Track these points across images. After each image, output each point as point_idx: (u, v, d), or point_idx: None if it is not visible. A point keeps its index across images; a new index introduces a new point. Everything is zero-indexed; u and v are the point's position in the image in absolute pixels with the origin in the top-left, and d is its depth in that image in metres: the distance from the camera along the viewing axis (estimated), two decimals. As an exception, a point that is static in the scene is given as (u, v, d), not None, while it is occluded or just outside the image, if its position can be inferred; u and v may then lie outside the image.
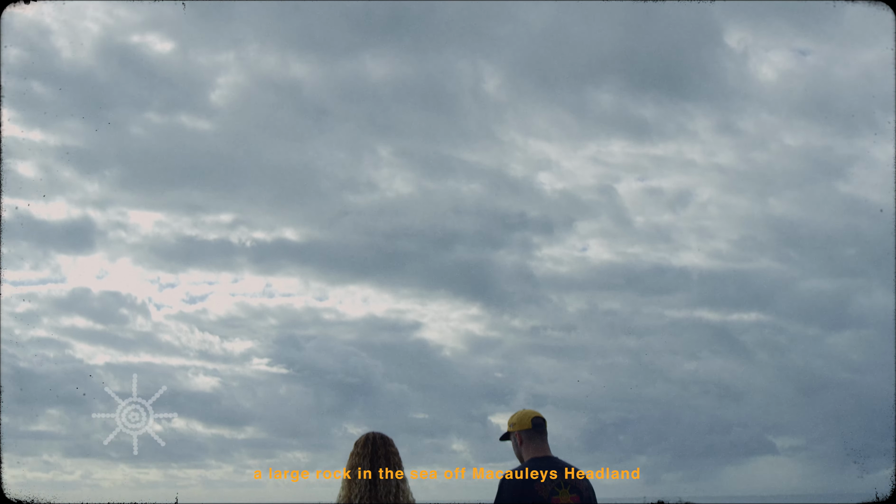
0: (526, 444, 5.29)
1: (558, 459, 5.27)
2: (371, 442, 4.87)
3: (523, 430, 5.30)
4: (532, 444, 5.28)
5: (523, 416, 5.34)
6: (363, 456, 4.81)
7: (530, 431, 5.29)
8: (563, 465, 5.23)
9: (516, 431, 5.32)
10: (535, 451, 5.25)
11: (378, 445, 4.86)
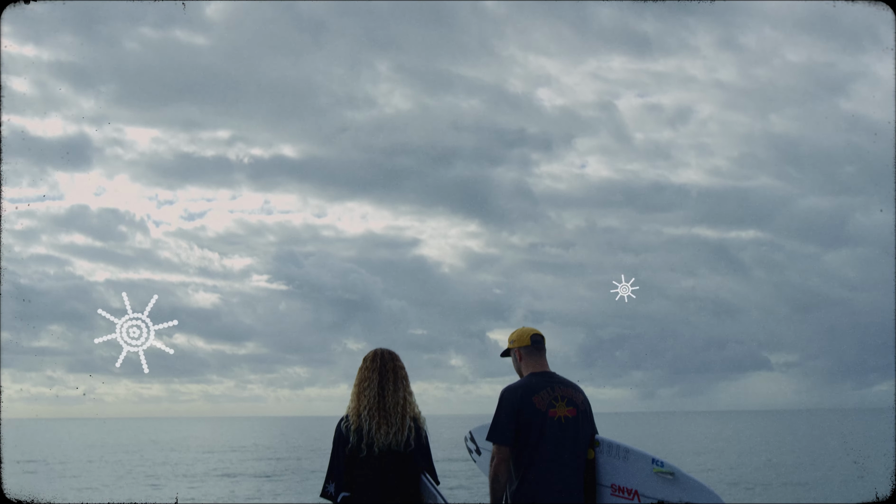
0: (525, 360, 5.46)
1: (556, 375, 5.48)
2: (380, 357, 5.13)
3: (523, 347, 5.48)
4: (531, 360, 5.45)
5: (523, 333, 5.50)
6: (372, 370, 5.08)
7: (529, 348, 5.47)
8: (561, 380, 5.47)
9: (516, 348, 5.52)
10: (534, 367, 5.43)
11: (386, 360, 5.13)
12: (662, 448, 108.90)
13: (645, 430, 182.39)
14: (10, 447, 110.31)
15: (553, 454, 5.26)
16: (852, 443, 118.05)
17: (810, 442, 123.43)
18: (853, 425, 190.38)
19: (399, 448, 4.98)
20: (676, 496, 5.13)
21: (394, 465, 4.96)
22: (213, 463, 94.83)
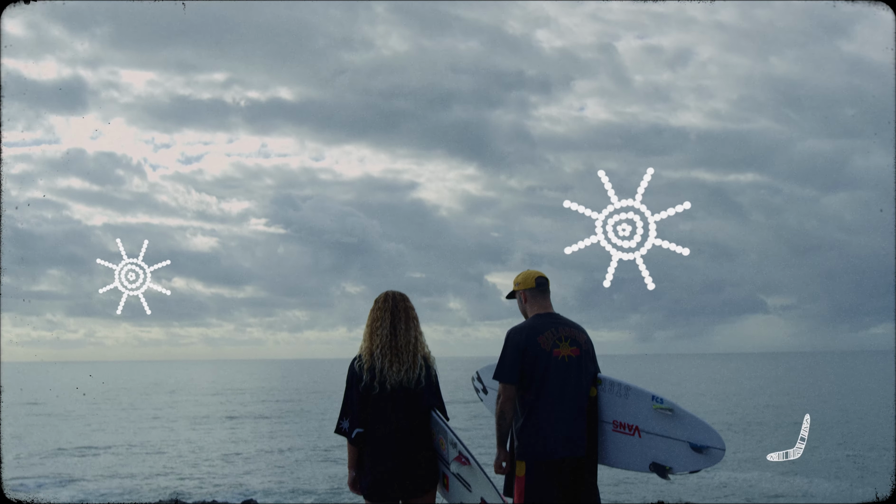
0: (530, 302, 5.63)
1: (560, 316, 5.65)
2: (391, 298, 5.29)
3: (528, 289, 5.65)
4: (536, 302, 5.63)
5: (528, 275, 5.67)
6: (384, 310, 5.26)
7: (534, 290, 5.64)
8: (565, 321, 5.64)
9: (521, 290, 5.70)
10: (539, 308, 5.61)
11: (398, 301, 5.29)
12: (658, 391, 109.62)
13: (641, 372, 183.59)
14: (13, 391, 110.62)
15: (557, 392, 5.46)
16: (849, 385, 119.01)
17: (806, 384, 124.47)
18: (849, 367, 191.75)
19: (410, 385, 5.13)
20: (675, 432, 5.35)
21: (405, 401, 5.12)
22: (215, 406, 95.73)
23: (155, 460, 48.10)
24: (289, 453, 50.21)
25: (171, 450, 53.55)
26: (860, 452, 44.44)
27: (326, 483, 38.51)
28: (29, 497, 4.04)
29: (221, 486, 38.78)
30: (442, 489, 5.32)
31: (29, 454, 50.36)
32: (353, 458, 5.19)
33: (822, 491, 33.90)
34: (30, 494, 36.69)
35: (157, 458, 48.89)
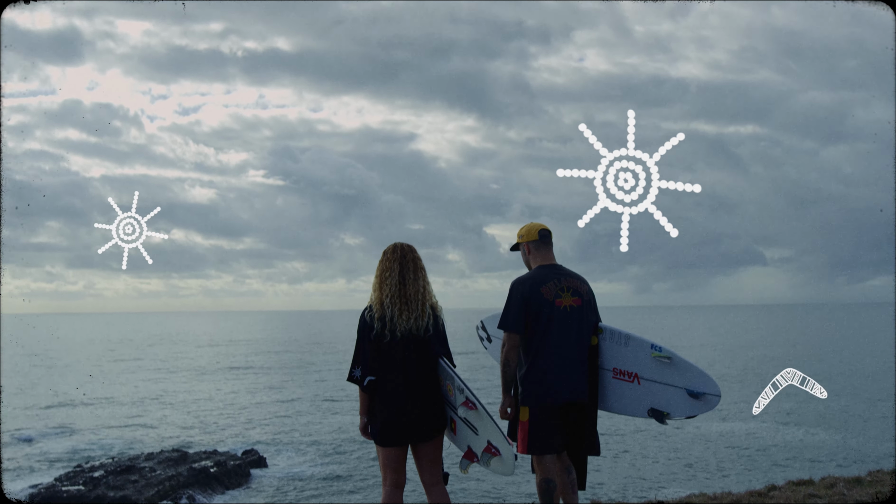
0: (534, 254, 5.79)
1: (562, 267, 5.82)
2: (400, 249, 5.42)
3: (531, 241, 5.81)
4: (539, 254, 5.79)
5: (531, 228, 5.82)
6: (393, 260, 5.38)
7: (537, 242, 5.80)
8: (567, 272, 5.80)
9: (525, 242, 5.86)
10: (542, 260, 5.77)
11: (406, 251, 5.42)
12: (657, 342, 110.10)
13: (639, 324, 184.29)
14: (14, 343, 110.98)
15: (559, 340, 5.63)
16: (848, 337, 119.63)
17: (804, 336, 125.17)
18: (847, 320, 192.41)
19: (419, 333, 5.29)
20: (673, 379, 5.53)
21: (415, 349, 5.28)
22: (216, 357, 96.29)
23: (157, 412, 48.56)
24: (289, 404, 50.68)
25: (173, 401, 54.04)
26: (858, 403, 44.91)
27: (327, 434, 38.94)
28: (29, 497, 4.09)
29: (223, 436, 39.20)
30: (449, 433, 5.51)
31: (32, 405, 50.79)
32: (365, 404, 5.37)
33: (819, 441, 34.34)
34: (32, 447, 37.08)
35: (159, 410, 49.36)
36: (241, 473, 29.17)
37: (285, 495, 26.69)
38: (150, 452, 30.43)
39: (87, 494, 25.33)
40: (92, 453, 34.52)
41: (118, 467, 27.72)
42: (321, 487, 27.73)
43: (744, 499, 6.29)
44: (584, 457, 5.87)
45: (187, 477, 26.75)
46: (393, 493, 5.28)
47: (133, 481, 26.28)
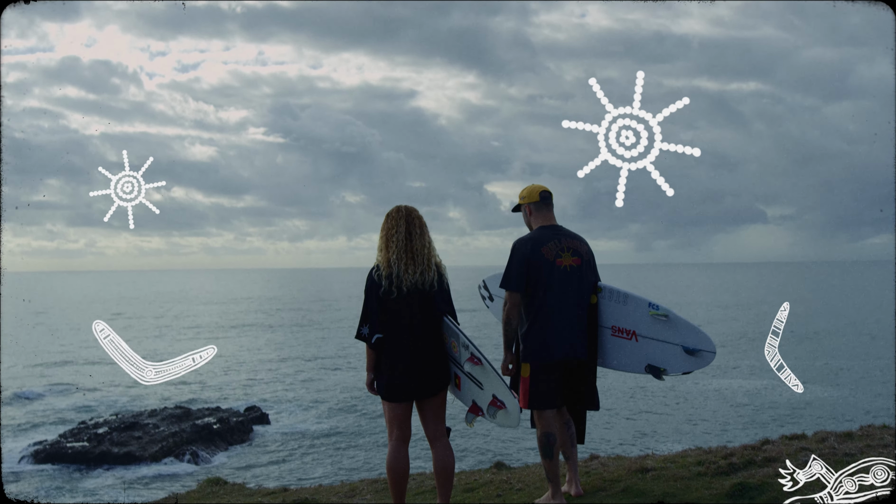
0: (535, 215, 5.91)
1: (563, 227, 5.95)
2: (404, 209, 5.60)
3: (532, 203, 5.93)
4: (540, 215, 5.91)
5: (532, 189, 5.93)
6: (398, 219, 5.55)
7: (538, 203, 5.92)
8: (567, 233, 5.93)
9: (526, 203, 5.98)
10: (543, 221, 5.89)
11: (410, 211, 5.60)
12: (658, 301, 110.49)
13: (640, 282, 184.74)
14: (16, 300, 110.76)
15: (559, 299, 5.77)
16: (847, 295, 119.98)
17: (804, 294, 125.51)
18: (846, 278, 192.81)
19: (425, 287, 5.46)
20: (670, 336, 5.68)
21: (420, 305, 5.44)
22: (218, 315, 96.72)
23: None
24: (291, 362, 51.06)
25: (175, 359, 54.39)
26: (857, 361, 45.23)
27: (329, 391, 39.27)
28: (29, 497, 4.19)
29: (226, 393, 39.56)
30: (453, 389, 5.67)
31: (36, 364, 51.14)
32: (372, 361, 5.52)
33: (816, 398, 34.66)
34: (36, 404, 37.40)
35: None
36: (244, 430, 29.48)
37: (288, 451, 27.00)
38: (154, 409, 30.72)
39: (91, 450, 25.61)
40: (96, 410, 34.83)
41: (122, 424, 28.01)
42: (323, 443, 28.03)
43: (737, 452, 6.47)
44: (584, 412, 6.05)
45: (190, 433, 27.05)
46: (398, 446, 5.46)
47: (137, 438, 26.58)
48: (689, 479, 6.03)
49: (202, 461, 25.60)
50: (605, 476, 6.48)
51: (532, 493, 6.32)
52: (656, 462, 6.69)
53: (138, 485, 23.08)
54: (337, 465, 24.84)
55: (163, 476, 23.93)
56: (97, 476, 24.12)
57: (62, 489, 23.04)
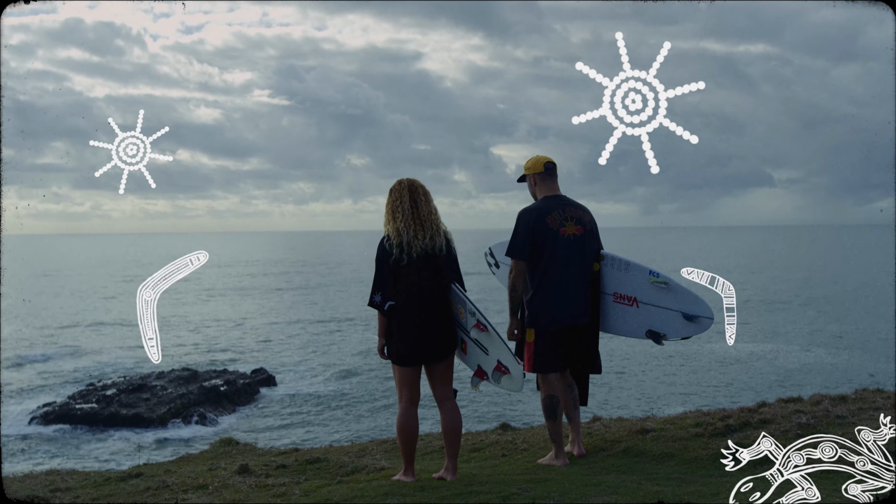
0: (539, 185, 6.09)
1: (566, 197, 6.14)
2: (406, 181, 5.80)
3: (537, 173, 6.12)
4: (545, 185, 6.10)
5: (537, 160, 6.12)
6: (401, 190, 5.75)
7: (543, 174, 6.10)
8: (571, 202, 6.12)
9: (531, 174, 6.15)
10: (548, 191, 6.08)
11: (413, 182, 5.81)
12: (662, 265, 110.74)
13: (645, 246, 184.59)
14: (21, 261, 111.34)
15: (563, 267, 5.97)
16: (852, 259, 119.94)
17: (810, 258, 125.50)
18: (853, 241, 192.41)
19: (434, 252, 5.65)
20: (670, 303, 5.89)
21: (429, 271, 5.63)
22: (224, 278, 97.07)
23: (167, 332, 49.22)
24: (297, 325, 51.37)
25: (182, 322, 54.76)
26: (860, 326, 45.45)
27: (335, 354, 39.59)
28: (29, 497, 4.30)
29: (232, 356, 39.90)
30: (460, 353, 5.89)
31: (43, 326, 51.53)
32: (383, 327, 5.74)
33: (822, 362, 34.93)
34: (45, 366, 37.76)
35: (169, 330, 50.04)
36: (251, 392, 29.75)
37: (295, 413, 27.28)
38: (161, 371, 30.99)
39: (100, 412, 25.87)
40: (104, 372, 35.12)
41: (130, 386, 28.31)
42: (330, 406, 28.30)
43: (734, 414, 6.68)
44: (586, 375, 6.28)
45: (198, 395, 27.34)
46: (409, 408, 5.69)
47: (145, 399, 26.87)
48: (687, 440, 6.26)
49: (210, 423, 25.91)
50: (607, 437, 6.71)
51: (536, 453, 6.55)
52: (656, 424, 6.92)
53: (149, 447, 23.38)
54: (345, 427, 25.12)
55: (171, 439, 24.22)
56: (105, 439, 24.38)
57: (72, 452, 23.34)
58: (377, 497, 5.11)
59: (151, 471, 7.15)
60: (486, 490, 5.12)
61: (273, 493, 5.60)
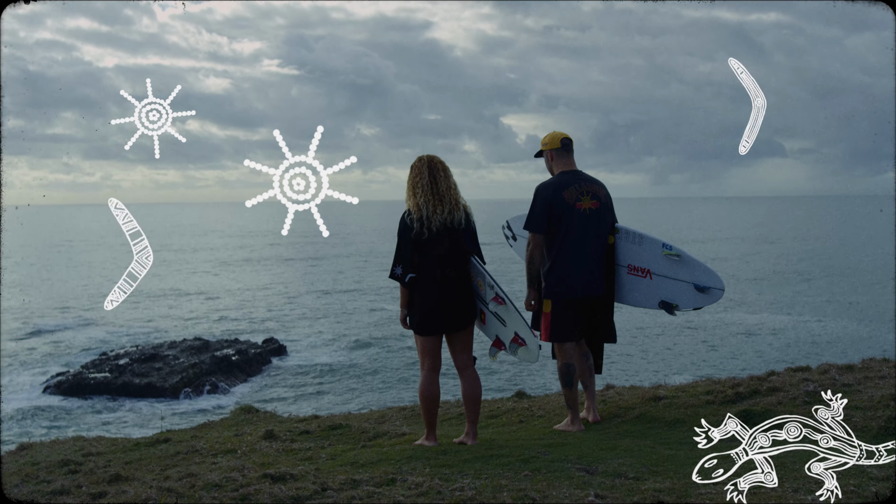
0: (556, 161, 6.29)
1: (582, 172, 6.33)
2: (426, 157, 6.00)
3: (554, 149, 6.31)
4: (561, 161, 6.29)
5: (554, 136, 6.30)
6: (421, 167, 5.95)
7: (560, 150, 6.30)
8: (587, 177, 6.32)
9: (548, 150, 6.34)
10: (564, 166, 6.28)
11: (432, 158, 6.00)
12: (673, 235, 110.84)
13: (654, 217, 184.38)
14: (34, 233, 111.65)
15: (579, 240, 6.17)
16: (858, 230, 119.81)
17: (819, 229, 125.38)
18: (864, 213, 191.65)
19: (454, 226, 5.85)
20: (682, 274, 6.09)
21: (449, 243, 5.83)
22: (235, 249, 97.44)
23: (179, 302, 49.61)
24: (307, 295, 51.67)
25: (193, 292, 55.09)
26: (872, 296, 45.56)
27: (345, 325, 39.90)
28: (29, 497, 4.47)
29: (243, 326, 40.21)
30: (479, 323, 6.11)
31: (55, 297, 51.88)
32: (405, 298, 5.95)
33: (829, 329, 35.12)
34: (57, 336, 38.12)
35: (180, 300, 50.43)
36: (262, 361, 30.00)
37: (307, 383, 27.53)
38: (173, 341, 31.25)
39: (113, 381, 26.16)
40: (116, 342, 35.42)
41: (142, 355, 28.58)
42: (341, 376, 28.54)
43: (744, 382, 6.88)
44: (601, 344, 6.50)
45: (209, 365, 27.60)
46: (430, 375, 5.92)
47: (157, 369, 27.16)
48: (697, 407, 6.47)
49: (221, 392, 26.17)
50: (621, 404, 6.92)
51: (552, 420, 6.78)
52: (668, 391, 7.13)
53: (165, 416, 23.62)
54: (356, 397, 25.37)
55: (186, 410, 24.45)
56: (117, 409, 24.66)
57: (88, 420, 23.61)
58: (402, 460, 5.34)
59: (178, 436, 7.36)
60: (507, 453, 5.34)
61: (300, 456, 5.82)
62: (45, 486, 5.48)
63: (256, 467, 5.29)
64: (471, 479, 4.70)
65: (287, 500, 4.38)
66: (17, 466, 6.51)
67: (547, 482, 4.51)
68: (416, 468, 5.04)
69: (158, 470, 5.73)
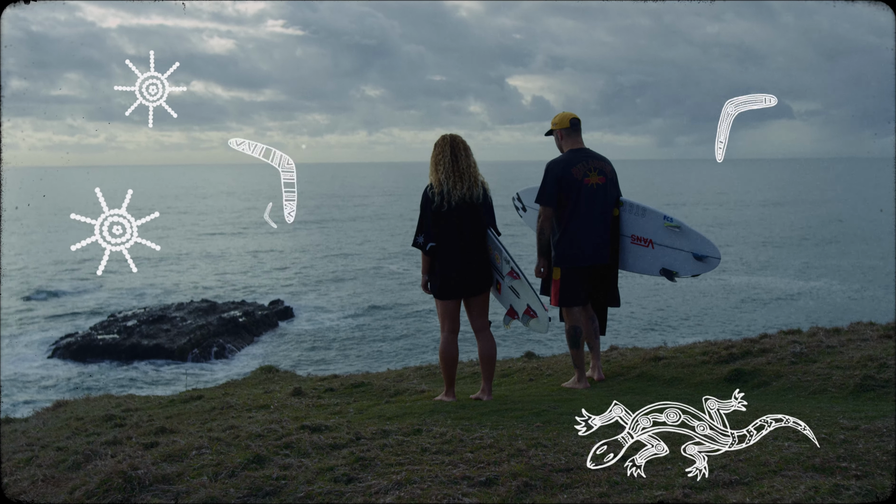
0: (566, 139, 6.79)
1: (590, 150, 6.82)
2: (449, 136, 6.44)
3: (563, 129, 6.80)
4: (570, 139, 6.78)
5: (563, 116, 6.79)
6: (443, 146, 6.40)
7: (569, 129, 6.78)
8: (594, 155, 6.81)
9: (558, 129, 6.81)
10: (573, 144, 6.77)
11: (455, 137, 6.44)
12: (677, 200, 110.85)
13: (661, 179, 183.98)
14: (39, 195, 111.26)
15: (587, 213, 6.68)
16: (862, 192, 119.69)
17: (825, 193, 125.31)
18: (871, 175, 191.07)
19: (472, 201, 6.31)
20: (682, 244, 6.61)
21: (468, 216, 6.31)
22: (242, 212, 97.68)
23: (186, 265, 50.05)
24: (314, 258, 52.04)
25: (200, 254, 55.54)
26: (869, 261, 45.96)
27: (350, 288, 40.36)
28: (29, 497, 4.79)
29: (250, 289, 40.67)
30: (494, 291, 6.61)
31: (61, 260, 52.24)
32: (427, 265, 6.44)
33: (832, 290, 35.57)
34: (66, 298, 38.60)
35: (188, 263, 50.87)
36: (269, 323, 30.42)
37: (313, 347, 27.89)
38: (181, 303, 31.62)
39: (122, 342, 26.60)
40: (124, 304, 35.80)
41: (150, 317, 29.04)
42: (348, 338, 28.93)
43: (738, 344, 7.40)
44: (606, 308, 7.03)
45: (217, 326, 28.08)
46: (450, 337, 6.44)
47: (165, 330, 27.60)
48: (694, 367, 6.99)
49: (229, 354, 26.61)
50: (623, 364, 7.45)
51: (560, 378, 7.31)
52: (668, 352, 7.65)
53: (177, 377, 24.03)
54: (362, 361, 25.66)
55: (196, 370, 24.87)
56: (127, 370, 25.06)
57: (102, 380, 24.02)
58: (425, 413, 5.83)
59: (210, 394, 7.76)
60: (520, 408, 5.83)
61: (330, 411, 6.31)
62: (97, 437, 5.88)
63: (292, 420, 5.75)
64: (489, 429, 5.20)
65: (326, 448, 4.89)
66: (63, 421, 6.95)
67: (556, 431, 5.02)
68: (438, 420, 5.54)
69: (199, 423, 6.15)
